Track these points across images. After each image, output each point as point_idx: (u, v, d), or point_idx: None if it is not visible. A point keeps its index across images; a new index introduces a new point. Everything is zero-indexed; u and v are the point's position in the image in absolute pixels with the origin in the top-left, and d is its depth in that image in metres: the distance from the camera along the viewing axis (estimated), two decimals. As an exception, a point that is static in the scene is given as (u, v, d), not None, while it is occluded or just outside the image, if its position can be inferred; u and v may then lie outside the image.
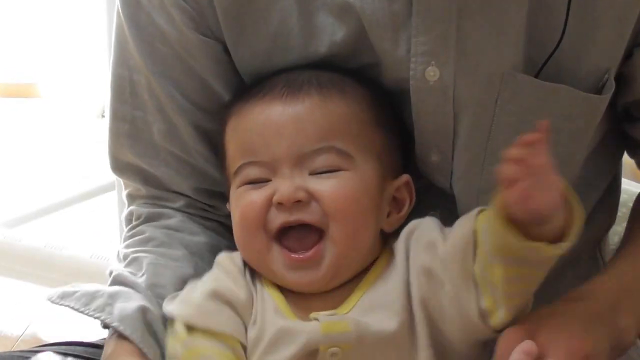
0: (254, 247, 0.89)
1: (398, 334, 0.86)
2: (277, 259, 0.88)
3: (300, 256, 0.87)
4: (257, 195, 0.88)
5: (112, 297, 0.88)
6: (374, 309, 0.87)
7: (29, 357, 0.92)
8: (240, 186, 0.90)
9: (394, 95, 0.94)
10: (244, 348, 0.87)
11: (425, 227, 0.89)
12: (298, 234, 0.87)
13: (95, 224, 2.60)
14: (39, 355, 0.91)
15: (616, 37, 0.90)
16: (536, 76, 0.90)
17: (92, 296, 0.88)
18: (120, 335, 0.87)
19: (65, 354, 0.93)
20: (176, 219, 0.99)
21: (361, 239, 0.88)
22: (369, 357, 0.86)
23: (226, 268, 0.91)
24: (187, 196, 1.00)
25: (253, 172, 0.89)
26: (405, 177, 0.93)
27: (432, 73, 0.89)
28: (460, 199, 0.96)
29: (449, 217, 0.93)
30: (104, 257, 2.00)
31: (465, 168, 0.94)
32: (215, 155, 0.97)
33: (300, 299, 0.89)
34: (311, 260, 0.87)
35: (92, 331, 0.98)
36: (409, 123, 0.94)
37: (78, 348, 0.96)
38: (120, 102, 0.99)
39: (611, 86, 0.91)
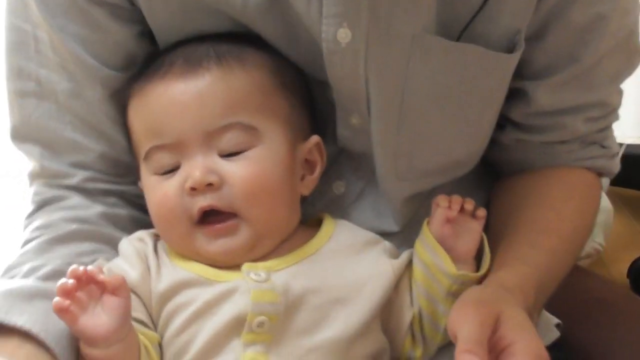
0: (176, 233, 0.88)
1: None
2: (199, 237, 0.86)
3: (219, 225, 0.85)
4: (170, 185, 0.86)
5: None
6: (308, 278, 0.86)
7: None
8: (152, 175, 0.88)
9: (311, 57, 0.90)
10: (142, 323, 0.85)
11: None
12: (215, 217, 0.86)
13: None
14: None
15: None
16: (457, 41, 0.88)
17: None
18: None
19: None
20: (71, 200, 0.94)
21: (278, 213, 0.88)
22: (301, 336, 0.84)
23: (122, 252, 0.90)
24: (89, 168, 0.95)
25: (163, 159, 0.87)
26: (316, 138, 0.92)
27: (344, 35, 0.86)
28: (379, 162, 0.95)
29: (366, 182, 0.98)
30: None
31: (382, 132, 0.93)
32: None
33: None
34: (229, 228, 0.86)
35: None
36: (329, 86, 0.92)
37: None
38: (26, 59, 0.94)
39: (521, 45, 0.90)
